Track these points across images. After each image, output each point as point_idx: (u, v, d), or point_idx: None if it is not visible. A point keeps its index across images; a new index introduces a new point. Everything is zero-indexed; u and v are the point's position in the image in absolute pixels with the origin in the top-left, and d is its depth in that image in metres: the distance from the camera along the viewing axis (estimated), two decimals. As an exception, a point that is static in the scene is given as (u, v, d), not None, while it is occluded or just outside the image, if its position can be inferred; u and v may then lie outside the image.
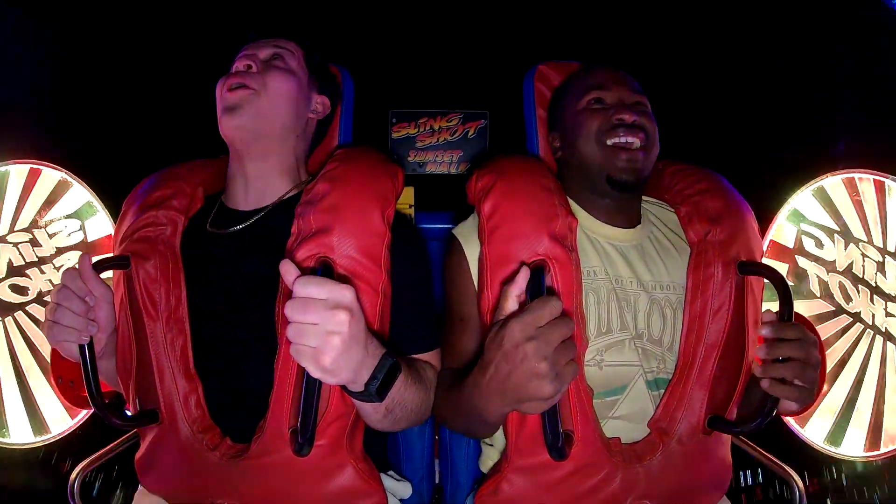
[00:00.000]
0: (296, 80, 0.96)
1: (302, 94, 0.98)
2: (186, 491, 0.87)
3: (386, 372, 0.70)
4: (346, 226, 0.83)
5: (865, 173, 1.27)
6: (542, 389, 0.63)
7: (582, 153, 0.96)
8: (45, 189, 1.31)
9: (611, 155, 0.93)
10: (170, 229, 0.92)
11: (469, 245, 0.93)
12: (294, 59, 0.98)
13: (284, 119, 0.95)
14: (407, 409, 0.81)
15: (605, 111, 0.95)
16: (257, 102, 0.91)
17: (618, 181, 0.93)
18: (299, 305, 0.62)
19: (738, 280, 0.90)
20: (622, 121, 0.93)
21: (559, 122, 1.03)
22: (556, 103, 1.07)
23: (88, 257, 0.83)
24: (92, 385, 0.80)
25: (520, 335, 0.63)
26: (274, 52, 0.97)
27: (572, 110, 0.99)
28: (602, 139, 0.94)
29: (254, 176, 0.96)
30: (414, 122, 1.61)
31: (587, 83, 0.99)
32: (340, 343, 0.62)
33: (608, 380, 0.89)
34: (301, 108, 0.98)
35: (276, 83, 0.93)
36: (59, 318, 0.80)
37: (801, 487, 0.96)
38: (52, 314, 0.80)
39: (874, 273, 1.24)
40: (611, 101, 0.96)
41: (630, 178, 0.93)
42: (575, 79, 1.04)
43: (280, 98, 0.93)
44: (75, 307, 0.80)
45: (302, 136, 1.00)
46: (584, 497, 0.82)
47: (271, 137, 0.94)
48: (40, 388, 1.27)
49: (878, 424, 1.23)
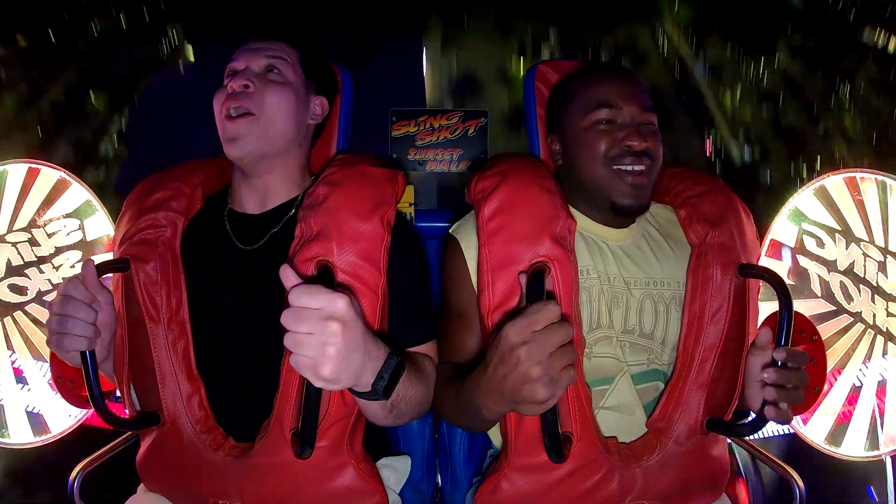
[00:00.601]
0: (293, 92, 0.96)
1: (301, 103, 0.97)
2: (188, 490, 0.87)
3: (392, 371, 0.71)
4: (345, 229, 0.84)
5: (867, 173, 1.27)
6: (535, 393, 0.63)
7: (586, 173, 0.95)
8: (43, 188, 1.30)
9: (616, 179, 0.92)
10: (169, 231, 0.92)
11: (467, 243, 0.94)
12: (289, 67, 0.96)
13: (286, 135, 0.95)
14: (410, 402, 0.83)
15: (613, 134, 0.92)
16: (258, 128, 0.91)
17: (620, 207, 0.93)
18: (293, 315, 0.62)
19: (737, 282, 0.90)
20: (631, 148, 0.91)
21: (560, 127, 1.01)
22: (556, 105, 1.04)
23: (92, 263, 0.83)
24: (94, 389, 0.80)
25: (514, 338, 0.64)
26: (268, 64, 0.95)
27: (577, 125, 0.95)
28: (608, 164, 0.92)
29: (259, 187, 0.97)
30: (413, 121, 1.60)
31: (595, 98, 0.94)
32: (336, 353, 0.62)
33: (596, 369, 0.90)
34: (301, 117, 0.98)
35: (274, 100, 0.93)
36: (69, 328, 0.78)
37: (801, 487, 0.97)
38: (61, 325, 0.79)
39: (875, 273, 1.24)
40: (621, 120, 0.93)
41: (634, 203, 0.93)
42: (580, 84, 0.99)
43: (280, 115, 0.93)
44: (83, 316, 0.79)
45: (304, 143, 1.01)
46: (582, 497, 0.83)
47: (275, 155, 0.95)
48: (40, 388, 1.28)
49: (878, 424, 1.23)
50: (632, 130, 0.91)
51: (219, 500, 0.85)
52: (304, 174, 1.01)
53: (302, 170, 1.01)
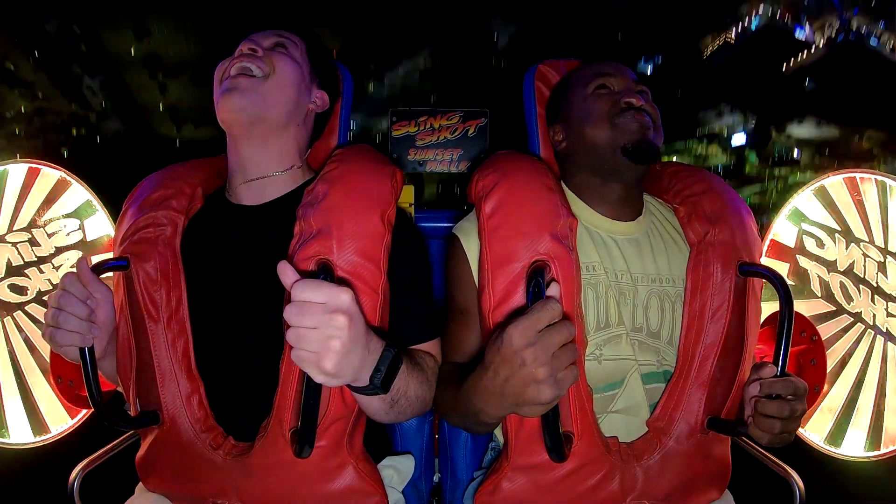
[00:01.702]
0: (299, 68, 0.96)
1: (304, 82, 0.98)
2: (188, 490, 0.87)
3: (388, 363, 0.71)
4: (345, 227, 0.84)
5: (867, 173, 1.27)
6: (540, 395, 0.63)
7: (592, 135, 0.97)
8: (43, 188, 1.30)
9: (622, 127, 0.94)
10: (170, 230, 0.92)
11: (469, 241, 0.94)
12: (297, 50, 0.98)
13: (287, 105, 0.95)
14: (411, 399, 0.83)
15: (613, 95, 0.97)
16: (261, 86, 0.91)
17: (633, 148, 0.94)
18: (297, 309, 0.62)
19: (738, 281, 0.90)
20: (630, 104, 0.95)
21: (562, 113, 1.04)
22: (557, 97, 1.08)
23: (86, 259, 0.83)
24: (92, 388, 0.80)
25: (518, 341, 0.63)
26: (277, 41, 0.97)
27: (579, 98, 1.00)
28: (612, 119, 0.95)
29: (252, 163, 0.95)
30: (414, 121, 1.60)
31: (592, 71, 1.01)
32: (341, 346, 0.62)
33: (607, 374, 0.90)
34: (303, 96, 0.98)
35: (281, 66, 0.93)
36: (61, 322, 0.79)
37: (801, 487, 0.96)
38: (54, 319, 0.79)
39: (875, 273, 1.24)
40: (617, 87, 0.99)
41: (642, 138, 0.93)
42: (578, 71, 1.06)
43: (284, 82, 0.94)
44: (77, 311, 0.80)
45: (302, 125, 1.00)
46: (583, 496, 0.83)
47: (271, 123, 0.93)
48: (40, 388, 1.28)
49: (878, 425, 1.23)
50: (629, 92, 0.96)
51: (218, 500, 0.85)
52: (303, 166, 1.01)
53: (299, 155, 1.00)
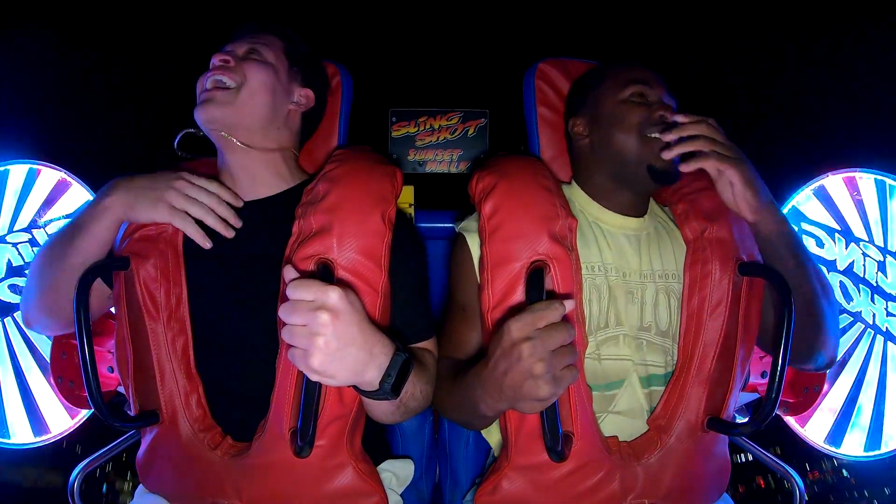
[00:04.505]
0: (271, 71, 0.96)
1: (280, 86, 0.97)
2: (187, 490, 0.87)
3: (399, 369, 0.71)
4: (346, 226, 0.84)
5: (866, 172, 1.27)
6: (537, 390, 0.64)
7: (621, 143, 0.96)
8: (44, 188, 1.31)
9: (651, 145, 0.94)
10: (172, 227, 0.92)
11: (472, 240, 0.94)
12: (271, 52, 0.97)
13: (263, 109, 0.94)
14: (417, 398, 0.83)
15: (648, 106, 0.96)
16: (232, 98, 0.92)
17: (660, 171, 0.94)
18: (288, 307, 0.64)
19: (736, 280, 0.90)
20: (664, 118, 0.94)
21: (589, 107, 1.03)
22: (586, 87, 1.06)
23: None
24: (92, 388, 0.80)
25: (517, 334, 0.64)
26: (250, 48, 0.97)
27: (612, 99, 0.99)
28: (644, 132, 0.94)
29: (238, 168, 0.96)
30: (413, 121, 1.60)
31: (630, 76, 1.00)
32: (324, 344, 0.63)
33: (607, 373, 0.90)
34: (279, 98, 0.97)
35: (252, 73, 0.93)
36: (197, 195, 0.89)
37: (801, 487, 0.97)
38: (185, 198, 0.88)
39: (875, 272, 1.24)
40: (653, 98, 0.98)
41: (672, 167, 0.93)
42: (614, 68, 1.04)
43: (256, 89, 0.93)
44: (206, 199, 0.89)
45: (284, 127, 0.99)
46: (583, 496, 0.83)
47: (249, 128, 0.94)
48: (40, 388, 1.28)
49: (878, 424, 1.23)
50: (664, 106, 0.96)
51: (217, 500, 0.84)
52: (291, 164, 1.00)
53: (285, 157, 0.99)
